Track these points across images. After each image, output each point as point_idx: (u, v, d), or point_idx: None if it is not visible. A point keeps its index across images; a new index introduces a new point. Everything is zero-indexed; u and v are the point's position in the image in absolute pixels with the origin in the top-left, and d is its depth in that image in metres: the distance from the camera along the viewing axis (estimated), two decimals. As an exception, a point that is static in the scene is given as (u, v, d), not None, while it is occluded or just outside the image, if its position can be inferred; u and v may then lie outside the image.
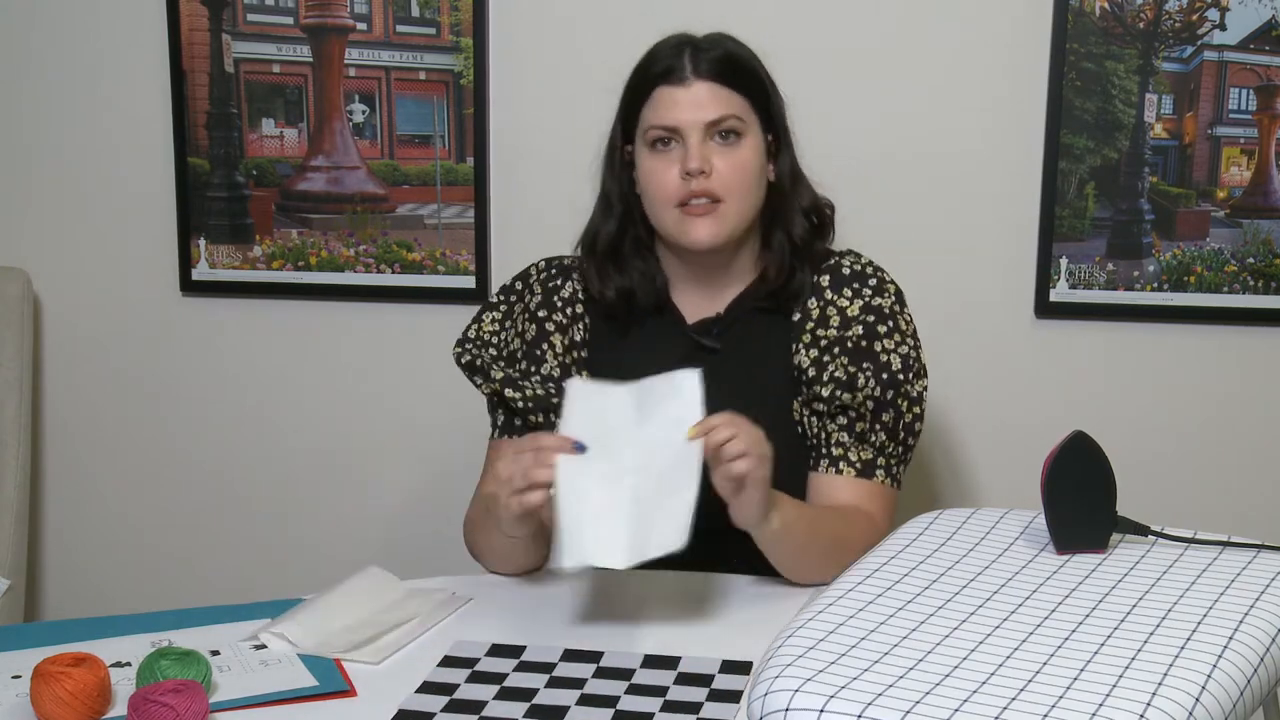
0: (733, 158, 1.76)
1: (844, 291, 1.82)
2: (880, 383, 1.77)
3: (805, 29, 2.32)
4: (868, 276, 1.83)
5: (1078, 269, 2.31)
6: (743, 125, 1.77)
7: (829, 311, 1.81)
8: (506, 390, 1.84)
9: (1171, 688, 1.04)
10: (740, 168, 1.77)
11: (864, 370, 1.77)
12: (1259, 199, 2.28)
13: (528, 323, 1.87)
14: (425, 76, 2.40)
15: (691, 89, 1.75)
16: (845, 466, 1.79)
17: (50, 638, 1.57)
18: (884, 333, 1.80)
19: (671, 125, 1.75)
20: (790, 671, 1.07)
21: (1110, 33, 2.24)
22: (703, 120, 1.75)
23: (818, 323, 1.81)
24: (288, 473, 2.59)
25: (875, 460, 1.80)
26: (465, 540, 1.87)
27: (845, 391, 1.76)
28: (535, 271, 1.92)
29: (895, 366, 1.78)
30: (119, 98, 2.49)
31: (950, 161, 2.33)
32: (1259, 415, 2.36)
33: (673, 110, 1.75)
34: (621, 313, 1.86)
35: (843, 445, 1.79)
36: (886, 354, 1.79)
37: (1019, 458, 2.34)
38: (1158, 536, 1.35)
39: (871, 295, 1.82)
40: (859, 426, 1.79)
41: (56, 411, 2.63)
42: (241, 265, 2.50)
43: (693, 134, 1.74)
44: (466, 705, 1.42)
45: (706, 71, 1.76)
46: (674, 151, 1.76)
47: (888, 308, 1.81)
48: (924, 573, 1.27)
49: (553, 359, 1.85)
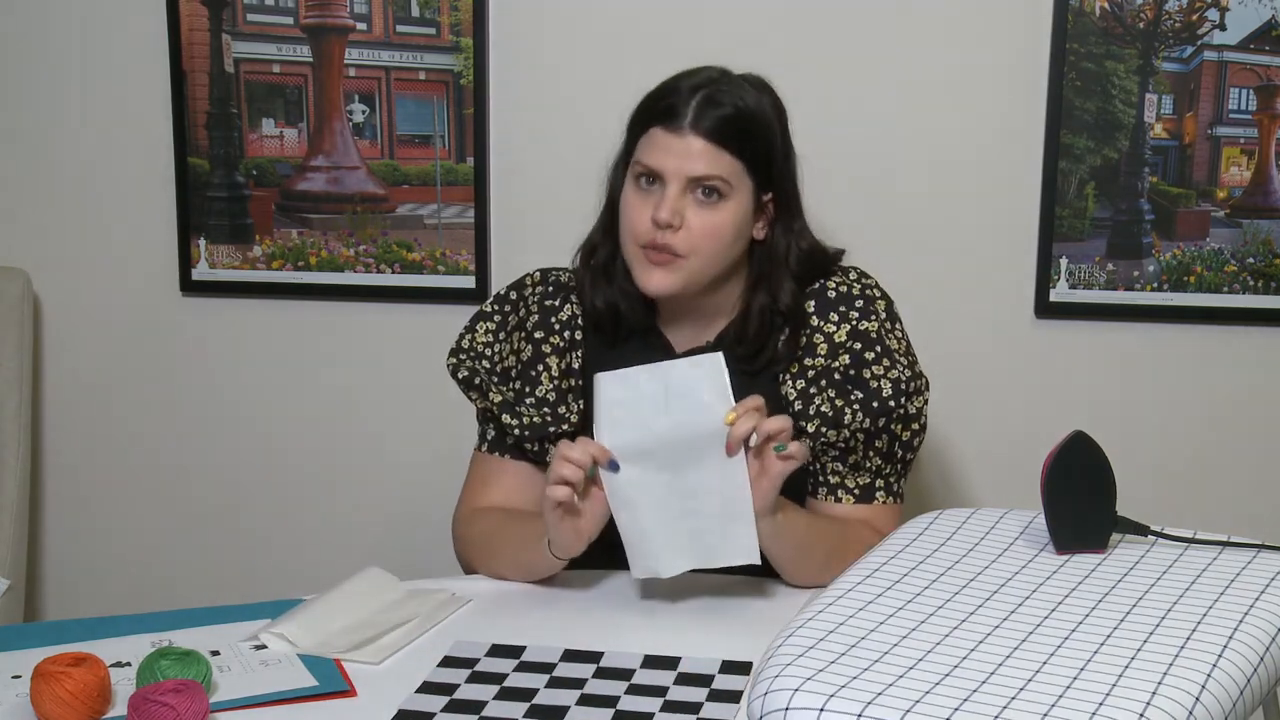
0: (708, 217, 1.72)
1: (830, 316, 1.78)
2: (870, 412, 1.74)
3: (805, 29, 2.32)
4: (854, 298, 1.80)
5: (1078, 269, 2.31)
6: (728, 188, 1.72)
7: (815, 339, 1.78)
8: (504, 416, 1.83)
9: (1171, 688, 1.04)
10: (712, 230, 1.72)
11: (851, 403, 1.74)
12: (1259, 199, 2.28)
13: (523, 342, 1.85)
14: (425, 76, 2.40)
15: (684, 140, 1.71)
16: (844, 494, 1.79)
17: (50, 638, 1.57)
18: (872, 359, 1.76)
19: (655, 169, 1.72)
20: (790, 671, 1.07)
21: (1110, 33, 2.24)
22: (686, 174, 1.71)
23: (805, 351, 1.78)
24: (288, 473, 2.59)
25: (873, 484, 1.79)
26: (458, 550, 1.87)
27: (831, 428, 1.74)
28: (531, 284, 1.90)
29: (886, 393, 1.75)
30: (119, 98, 2.49)
31: (950, 162, 2.33)
32: (1259, 415, 2.36)
33: (660, 155, 1.72)
34: (610, 327, 1.84)
35: (838, 474, 1.79)
36: (876, 380, 1.75)
37: (1019, 458, 2.34)
38: (1158, 536, 1.35)
39: (859, 319, 1.78)
40: (851, 458, 1.77)
41: (56, 411, 2.62)
42: (241, 265, 2.50)
43: (673, 184, 1.71)
44: (466, 705, 1.43)
45: (706, 129, 1.70)
46: (654, 193, 1.73)
47: (875, 331, 1.77)
48: (924, 572, 1.27)
49: (548, 381, 1.83)
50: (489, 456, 1.89)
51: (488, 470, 1.89)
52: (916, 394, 1.78)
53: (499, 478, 1.88)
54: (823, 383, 1.76)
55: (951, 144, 2.32)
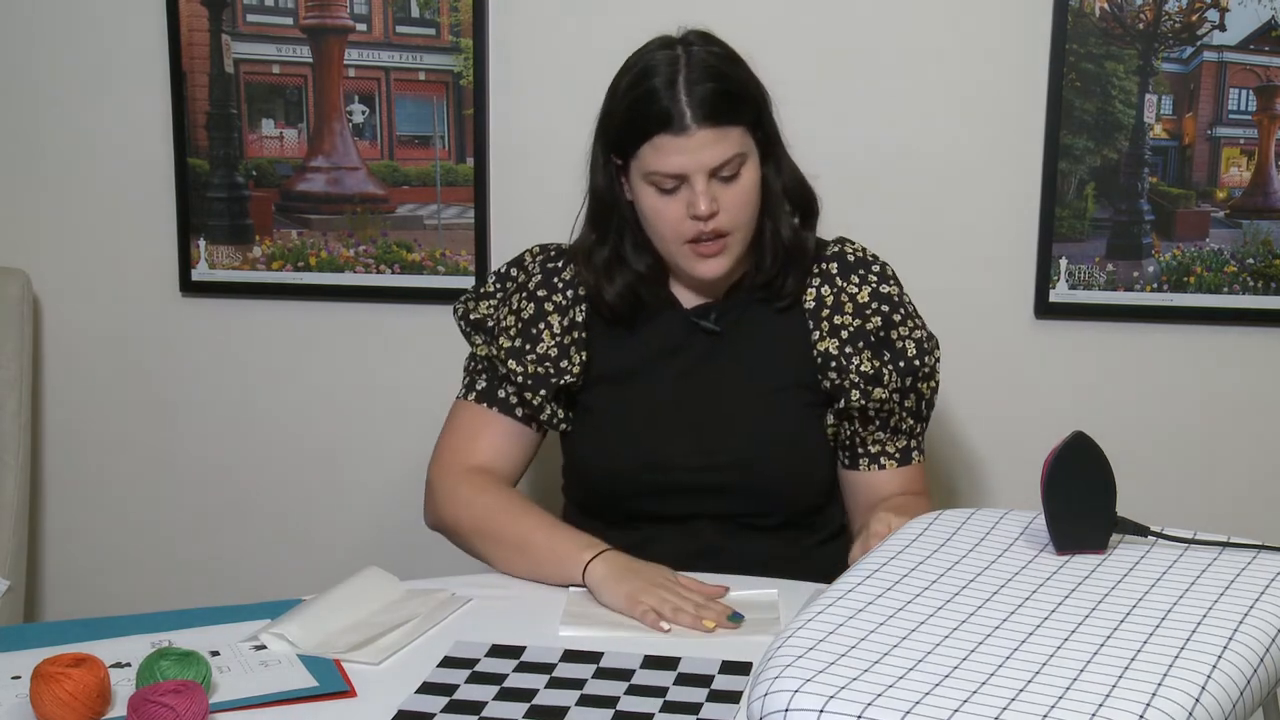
0: (736, 189, 1.76)
1: (851, 278, 1.85)
2: (899, 371, 1.82)
3: (805, 30, 2.32)
4: (870, 263, 1.87)
5: (1077, 269, 2.31)
6: (743, 158, 1.76)
7: (842, 298, 1.84)
8: (510, 361, 1.85)
9: (1171, 688, 1.04)
10: (744, 198, 1.77)
11: (886, 365, 1.82)
12: (1259, 199, 2.28)
13: (525, 301, 1.88)
14: (425, 77, 2.40)
15: (692, 137, 1.72)
16: (886, 460, 1.87)
17: (50, 638, 1.57)
18: (898, 321, 1.84)
19: (678, 173, 1.74)
20: (790, 672, 1.07)
21: (1110, 33, 2.24)
22: (707, 166, 1.74)
23: (833, 309, 1.83)
24: (287, 473, 2.59)
25: (909, 445, 1.88)
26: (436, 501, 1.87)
27: (873, 385, 1.81)
28: (530, 257, 1.93)
29: (911, 353, 1.83)
30: (119, 98, 2.49)
31: (950, 162, 2.33)
32: (1259, 415, 2.36)
33: (677, 159, 1.73)
34: (626, 314, 1.86)
35: (879, 442, 1.86)
36: (902, 341, 1.83)
37: (1018, 458, 2.34)
38: (1158, 537, 1.35)
39: (878, 282, 1.85)
40: (891, 421, 1.85)
41: (56, 411, 2.62)
42: (241, 266, 2.50)
43: (699, 179, 1.74)
44: (466, 706, 1.42)
45: (705, 116, 1.72)
46: (680, 194, 1.75)
47: (896, 295, 1.86)
48: (924, 573, 1.27)
49: (549, 339, 1.86)
50: (476, 407, 1.90)
51: (476, 422, 1.89)
52: (932, 351, 1.87)
53: (487, 431, 1.89)
54: (860, 344, 1.82)
55: (951, 144, 2.32)
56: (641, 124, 1.75)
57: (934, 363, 1.87)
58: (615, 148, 1.81)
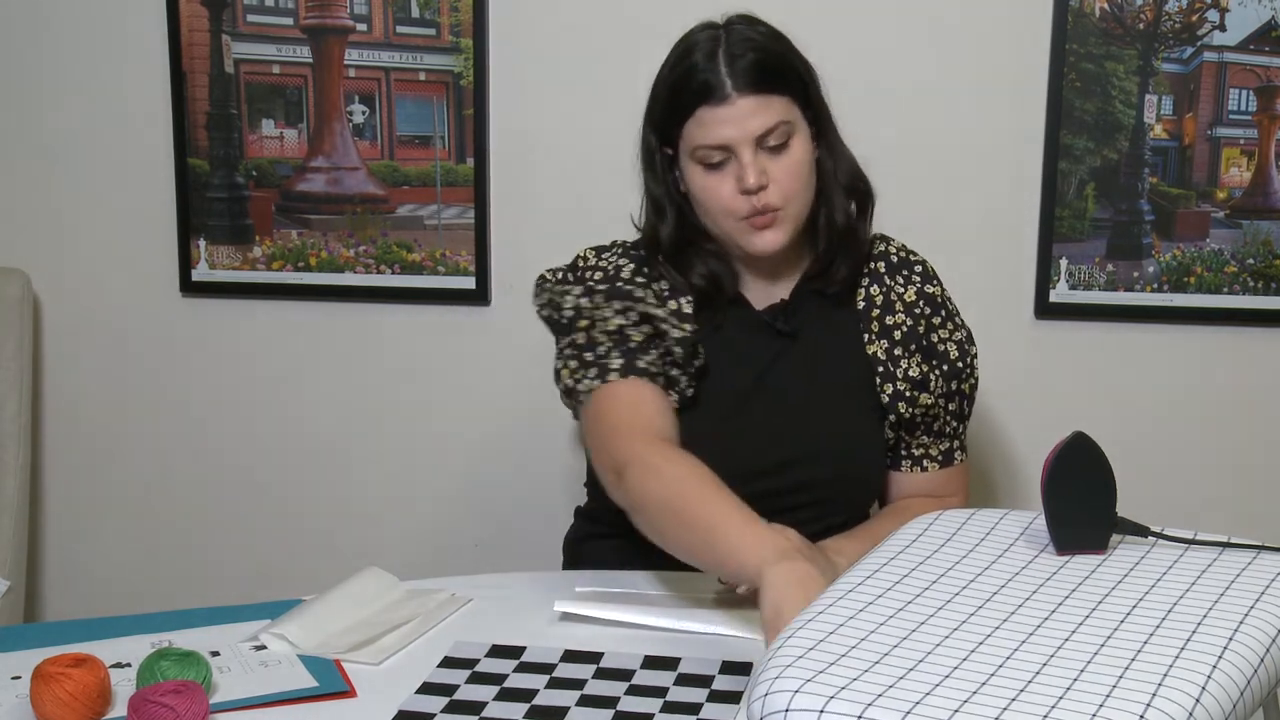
0: (785, 162, 1.74)
1: (897, 278, 1.86)
2: (943, 375, 1.83)
3: (804, 30, 2.31)
4: (913, 263, 1.88)
5: (1078, 269, 2.31)
6: (789, 127, 1.74)
7: (891, 298, 1.84)
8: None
9: (1171, 688, 1.04)
10: (794, 170, 1.74)
11: (933, 370, 1.83)
12: (1259, 200, 2.28)
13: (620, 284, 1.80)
14: (425, 77, 2.40)
15: (735, 105, 1.70)
16: (929, 463, 1.88)
17: (50, 638, 1.57)
18: (939, 323, 1.85)
19: (722, 144, 1.72)
20: (790, 672, 1.07)
21: (1110, 33, 2.24)
22: (752, 135, 1.71)
23: (883, 309, 1.84)
24: (287, 473, 2.59)
25: (952, 447, 1.90)
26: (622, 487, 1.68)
27: (920, 390, 1.82)
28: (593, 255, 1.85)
29: (953, 355, 1.85)
30: (119, 98, 2.49)
31: (950, 162, 2.33)
32: (1259, 415, 2.36)
33: (720, 129, 1.71)
34: (708, 301, 1.81)
35: (923, 445, 1.87)
36: (944, 344, 1.84)
37: (1018, 458, 2.34)
38: (1158, 537, 1.35)
39: (922, 282, 1.86)
40: (935, 425, 1.86)
41: (56, 411, 2.63)
42: (241, 266, 2.50)
43: (745, 150, 1.71)
44: (466, 706, 1.42)
45: (746, 85, 1.70)
46: (729, 168, 1.73)
47: (939, 296, 1.86)
48: (924, 574, 1.26)
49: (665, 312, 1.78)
50: (622, 383, 1.75)
51: (630, 396, 1.75)
52: (972, 347, 1.88)
53: (644, 402, 1.75)
54: (911, 346, 1.83)
55: (951, 144, 2.32)
56: (684, 100, 1.73)
57: (973, 360, 1.87)
58: (662, 133, 1.78)
